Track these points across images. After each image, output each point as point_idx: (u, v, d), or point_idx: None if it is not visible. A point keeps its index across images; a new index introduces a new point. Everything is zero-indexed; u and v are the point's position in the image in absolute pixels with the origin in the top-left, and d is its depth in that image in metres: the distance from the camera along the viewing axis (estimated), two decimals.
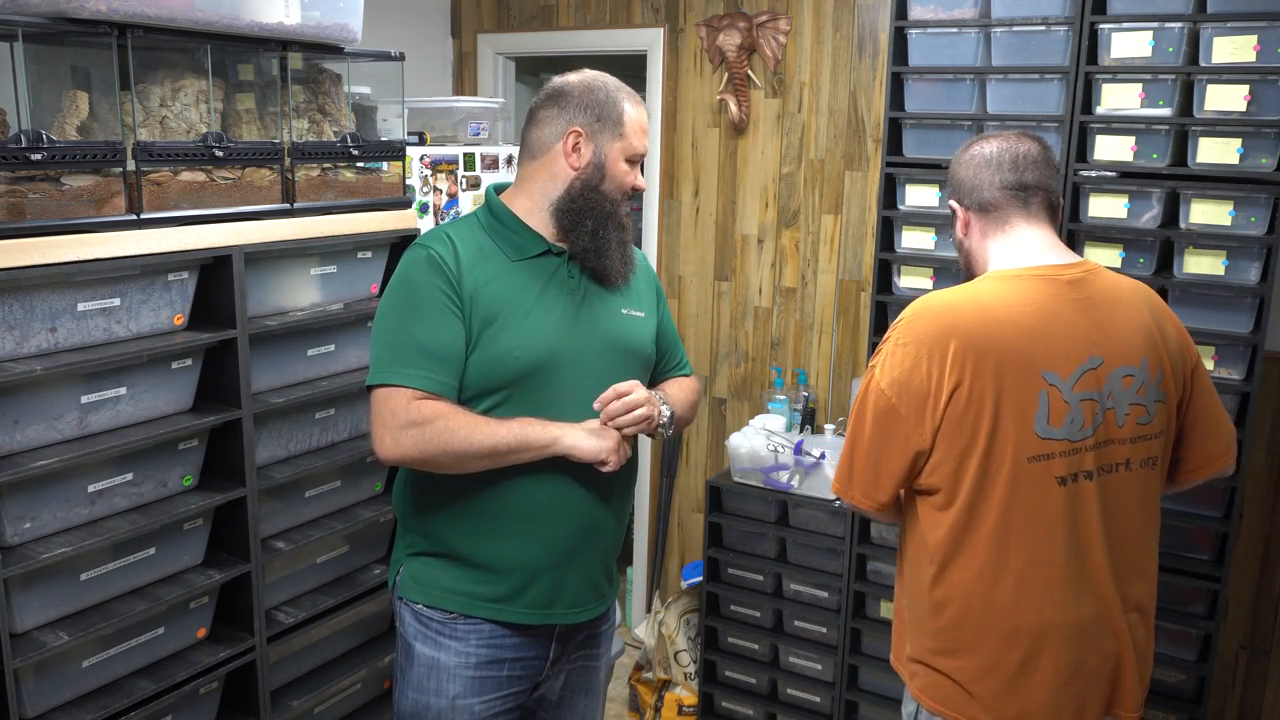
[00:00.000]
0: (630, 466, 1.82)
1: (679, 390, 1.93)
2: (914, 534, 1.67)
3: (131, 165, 1.86)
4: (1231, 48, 2.19)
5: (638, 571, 3.83)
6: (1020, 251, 1.67)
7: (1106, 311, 1.62)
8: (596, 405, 1.70)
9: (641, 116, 1.77)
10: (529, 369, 1.68)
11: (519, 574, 1.74)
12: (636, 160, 1.78)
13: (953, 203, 1.76)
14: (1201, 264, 2.29)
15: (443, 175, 2.95)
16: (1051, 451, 1.55)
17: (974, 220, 1.72)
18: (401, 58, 2.39)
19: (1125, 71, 2.30)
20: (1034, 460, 1.54)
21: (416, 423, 1.62)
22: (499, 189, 1.82)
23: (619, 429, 1.70)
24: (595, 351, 1.75)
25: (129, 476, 1.95)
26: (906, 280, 2.64)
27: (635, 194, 1.80)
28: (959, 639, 1.60)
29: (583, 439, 1.66)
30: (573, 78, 1.75)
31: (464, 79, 3.95)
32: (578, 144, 1.72)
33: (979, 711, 1.60)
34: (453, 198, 3.00)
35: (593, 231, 1.73)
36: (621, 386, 1.71)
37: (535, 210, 1.75)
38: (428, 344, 1.64)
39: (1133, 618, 1.64)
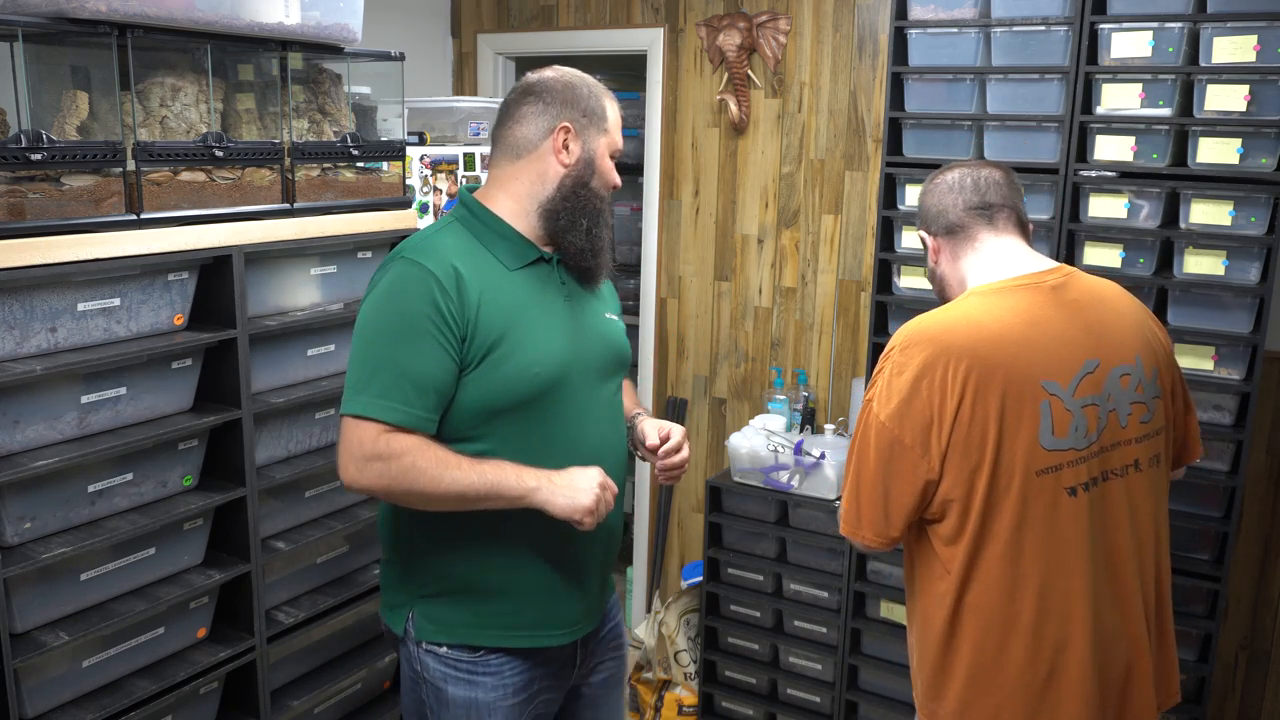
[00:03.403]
0: (624, 454, 1.79)
1: (632, 399, 1.91)
2: (927, 568, 1.63)
3: (131, 165, 1.86)
4: (1231, 48, 2.19)
5: (638, 571, 3.83)
6: (995, 264, 1.66)
7: (1094, 312, 1.61)
8: (661, 450, 1.75)
9: (618, 112, 1.73)
10: (547, 384, 1.62)
11: (548, 595, 1.69)
12: (617, 156, 1.73)
13: (922, 233, 1.77)
14: (1201, 264, 2.29)
15: (443, 175, 2.95)
16: (1059, 463, 1.53)
17: (943, 245, 1.73)
18: (401, 58, 2.39)
19: (1125, 71, 2.30)
20: (1042, 474, 1.52)
21: (384, 457, 1.53)
22: (471, 190, 1.74)
23: (666, 480, 1.78)
24: (596, 360, 1.72)
25: (129, 476, 1.95)
26: (906, 280, 2.64)
27: (614, 191, 1.75)
28: (982, 662, 1.57)
29: (556, 496, 1.55)
30: (549, 74, 1.69)
31: (464, 79, 3.95)
32: (567, 141, 1.65)
33: None
34: (452, 198, 3.00)
35: (587, 231, 1.67)
36: (674, 440, 1.76)
37: (521, 213, 1.67)
38: (411, 373, 1.54)
39: (1150, 621, 1.62)
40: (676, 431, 1.77)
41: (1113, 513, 1.57)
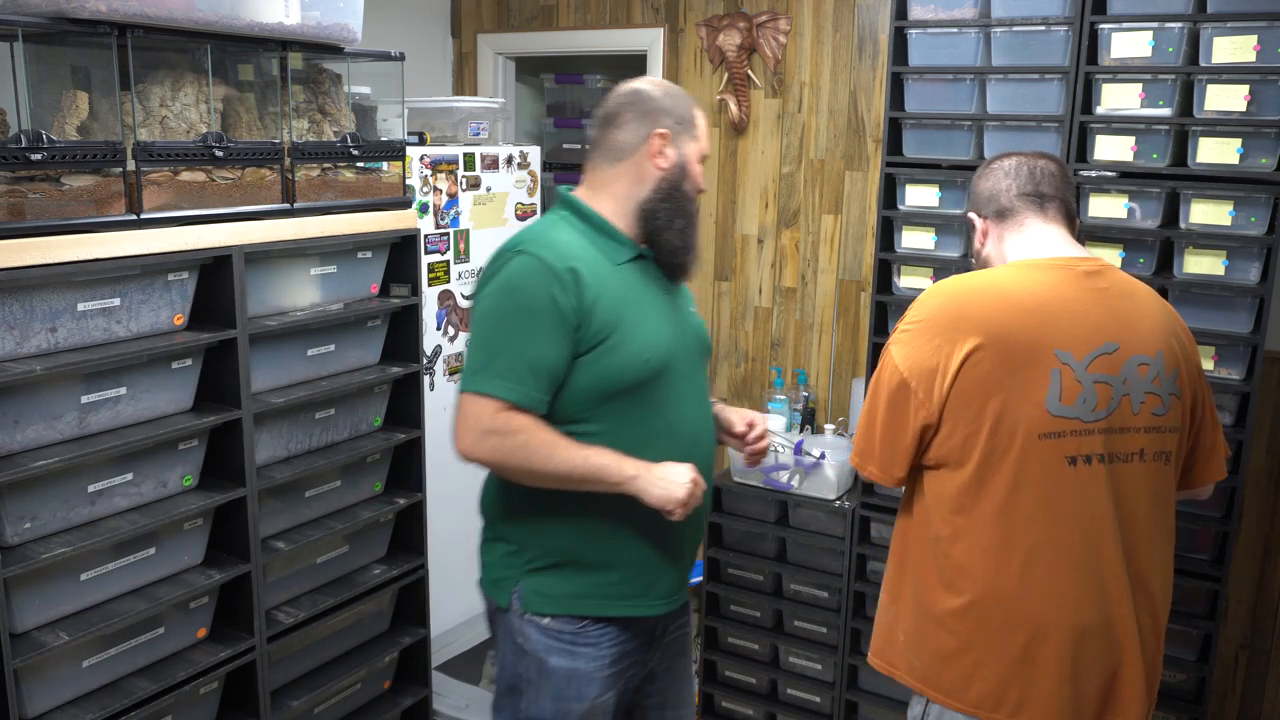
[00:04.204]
0: (714, 438, 1.92)
1: None
2: (924, 515, 1.68)
3: (131, 165, 1.86)
4: (1231, 48, 2.19)
5: None
6: (1036, 245, 1.72)
7: (1123, 303, 1.65)
8: (749, 438, 1.91)
9: (705, 120, 1.86)
10: (655, 370, 1.73)
11: (646, 568, 1.80)
12: (704, 162, 1.86)
13: (972, 215, 1.82)
14: (1201, 264, 2.29)
15: (443, 175, 2.95)
16: (1063, 430, 1.56)
17: (992, 227, 1.78)
18: (401, 58, 2.39)
19: (1125, 71, 2.30)
20: (1045, 437, 1.56)
21: (500, 431, 1.64)
22: (569, 189, 1.86)
23: (751, 464, 1.95)
24: (691, 350, 1.85)
25: (129, 476, 1.95)
26: (906, 280, 2.64)
27: (700, 193, 1.88)
28: (966, 618, 1.61)
29: (653, 487, 1.67)
30: (644, 84, 1.81)
31: (464, 79, 3.95)
32: (663, 146, 1.77)
33: (981, 700, 1.61)
34: (453, 198, 3.00)
35: (682, 229, 1.80)
36: (759, 427, 1.91)
37: (620, 213, 1.79)
38: (528, 357, 1.65)
39: (1144, 622, 1.63)
40: (759, 419, 1.94)
41: (1105, 493, 1.59)
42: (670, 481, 1.67)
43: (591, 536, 1.76)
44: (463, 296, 3.09)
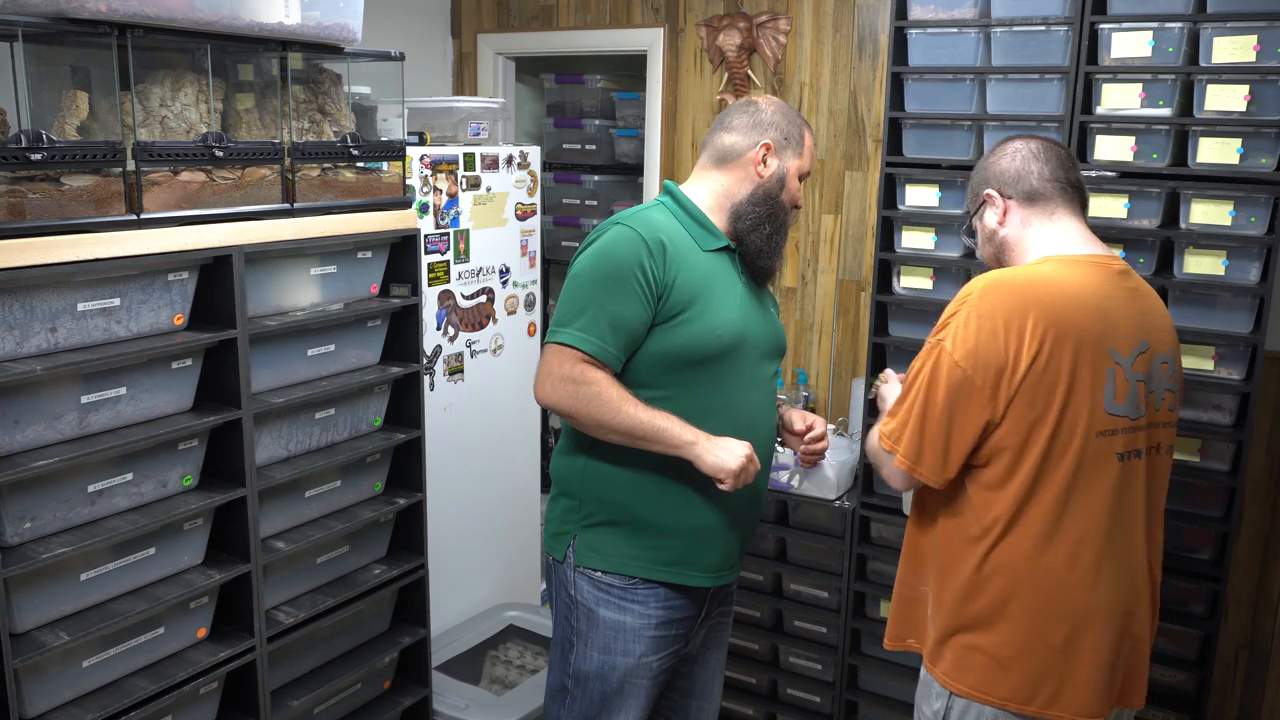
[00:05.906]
0: (775, 429, 2.03)
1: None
2: (958, 512, 1.66)
3: (131, 165, 1.86)
4: (1231, 48, 2.19)
5: None
6: (1067, 239, 1.72)
7: (1146, 303, 1.70)
8: (807, 437, 1.99)
9: (813, 142, 2.02)
10: (725, 347, 1.86)
11: (694, 539, 1.91)
12: (805, 179, 2.01)
13: (991, 192, 1.78)
14: (1201, 264, 2.29)
15: (443, 175, 2.95)
16: (1116, 427, 1.60)
17: (1015, 209, 1.76)
18: (401, 58, 2.38)
19: (1125, 71, 2.30)
20: (1102, 435, 1.59)
21: (576, 380, 1.79)
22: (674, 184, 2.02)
23: (806, 463, 2.05)
24: (763, 340, 1.96)
25: (129, 476, 1.95)
26: (906, 280, 2.64)
27: (796, 209, 2.01)
28: (1005, 613, 1.61)
29: (708, 454, 1.77)
30: (763, 101, 1.99)
31: (464, 79, 3.95)
32: (766, 156, 1.93)
33: (1013, 693, 1.61)
34: (453, 198, 3.00)
35: (769, 234, 1.94)
36: (818, 429, 2.00)
37: (716, 209, 1.95)
38: (611, 315, 1.80)
39: (1151, 609, 1.70)
40: (820, 422, 2.03)
41: (1140, 486, 1.64)
42: (726, 452, 1.77)
43: (648, 496, 1.88)
44: (463, 296, 3.09)
